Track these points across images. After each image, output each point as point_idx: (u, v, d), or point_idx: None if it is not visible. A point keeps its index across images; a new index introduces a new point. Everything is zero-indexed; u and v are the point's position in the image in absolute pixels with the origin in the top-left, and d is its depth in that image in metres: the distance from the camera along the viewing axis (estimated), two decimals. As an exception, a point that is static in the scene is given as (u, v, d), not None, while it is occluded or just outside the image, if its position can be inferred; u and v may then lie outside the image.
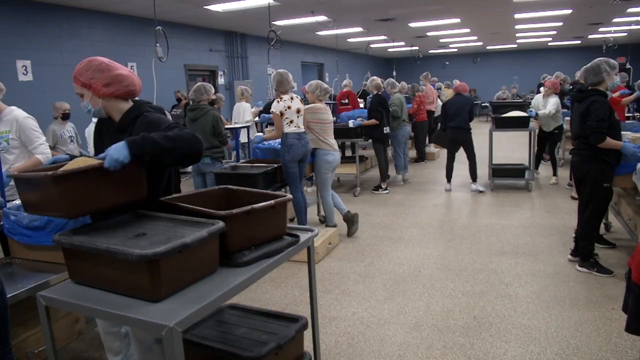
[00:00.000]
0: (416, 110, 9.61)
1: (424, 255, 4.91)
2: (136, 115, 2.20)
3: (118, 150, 1.80)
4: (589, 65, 4.18)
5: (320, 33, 13.22)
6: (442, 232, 5.63)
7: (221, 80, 12.44)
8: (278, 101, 4.97)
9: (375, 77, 7.70)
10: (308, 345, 2.60)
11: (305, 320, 2.46)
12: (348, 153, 9.43)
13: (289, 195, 2.34)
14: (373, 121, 7.28)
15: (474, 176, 7.58)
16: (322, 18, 10.78)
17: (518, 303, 3.80)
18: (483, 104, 20.15)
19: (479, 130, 8.39)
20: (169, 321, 1.49)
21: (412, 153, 10.74)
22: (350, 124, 7.28)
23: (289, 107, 4.96)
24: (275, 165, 4.89)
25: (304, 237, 2.30)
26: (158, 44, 6.65)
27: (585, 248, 4.32)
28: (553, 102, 7.24)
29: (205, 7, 9.06)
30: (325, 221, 5.63)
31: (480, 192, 7.52)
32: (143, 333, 2.19)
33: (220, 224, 1.85)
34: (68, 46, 8.43)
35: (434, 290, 4.08)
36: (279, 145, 5.19)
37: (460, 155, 7.52)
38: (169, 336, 1.48)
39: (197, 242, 1.71)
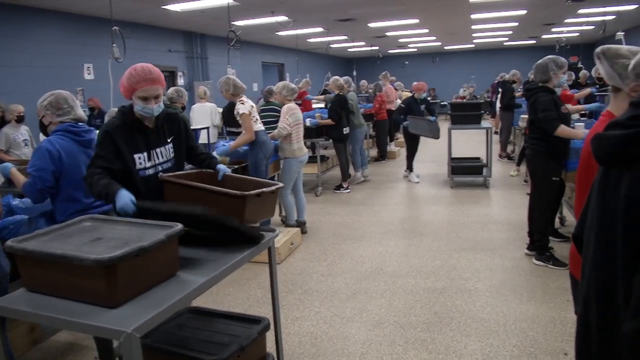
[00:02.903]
0: (377, 109, 9.70)
1: (386, 253, 4.97)
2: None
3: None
4: (538, 62, 4.33)
5: (280, 33, 13.19)
6: (403, 230, 5.71)
7: (181, 81, 12.26)
8: (242, 102, 4.94)
9: (338, 77, 7.74)
10: (271, 347, 2.59)
11: (267, 321, 2.46)
12: (309, 153, 9.43)
13: (280, 183, 2.51)
14: (329, 121, 7.31)
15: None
16: (282, 18, 10.75)
17: (477, 297, 3.89)
18: (442, 103, 20.51)
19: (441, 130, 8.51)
20: (127, 327, 1.47)
21: (374, 152, 10.86)
22: (307, 122, 7.28)
23: (252, 106, 4.98)
24: (236, 167, 4.86)
25: (266, 237, 2.30)
26: (115, 45, 6.50)
27: (540, 242, 4.46)
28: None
29: (163, 7, 8.91)
30: (285, 221, 5.63)
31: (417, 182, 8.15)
32: None
33: (179, 226, 1.84)
34: (17, 46, 8.14)
35: (396, 288, 4.13)
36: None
37: (420, 153, 7.65)
38: (127, 342, 1.46)
39: (155, 246, 1.69)
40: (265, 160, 4.99)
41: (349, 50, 19.82)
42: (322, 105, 9.97)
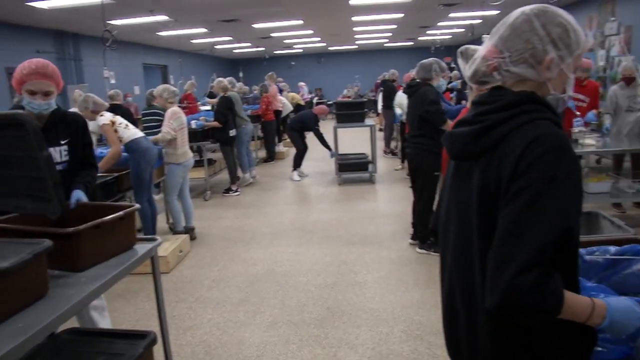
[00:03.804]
0: (264, 110, 9.70)
1: (277, 253, 4.99)
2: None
3: None
4: (424, 61, 4.57)
5: (161, 34, 12.71)
6: (294, 229, 5.77)
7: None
8: (102, 115, 4.58)
9: (222, 79, 7.64)
10: (159, 360, 2.50)
11: (154, 335, 2.36)
12: (196, 157, 9.21)
13: (137, 205, 2.28)
14: (215, 123, 7.20)
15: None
16: (162, 18, 10.38)
17: (367, 289, 4.03)
18: (328, 103, 21.00)
19: (326, 129, 8.71)
20: (-13, 358, 1.34)
21: (262, 153, 10.85)
22: (193, 124, 7.12)
23: (114, 115, 4.74)
24: (116, 175, 4.61)
25: (146, 247, 2.22)
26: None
27: (422, 232, 4.72)
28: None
29: (28, 3, 8.22)
30: (173, 228, 5.47)
31: (298, 180, 8.41)
32: None
33: (47, 242, 1.71)
34: None
35: (288, 287, 4.17)
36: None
37: (308, 152, 7.77)
38: (-12, 374, 1.33)
39: (19, 266, 1.56)
40: (148, 167, 4.78)
41: (235, 51, 19.61)
42: (208, 107, 9.80)
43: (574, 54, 1.18)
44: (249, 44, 17.35)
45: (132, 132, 4.72)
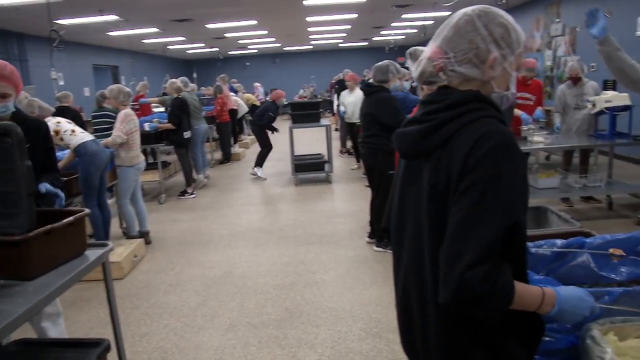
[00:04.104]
0: (219, 111, 9.59)
1: (235, 255, 4.95)
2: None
3: None
4: (379, 64, 4.61)
5: (112, 34, 12.40)
6: (251, 231, 5.73)
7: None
8: (47, 120, 4.44)
9: (175, 80, 7.50)
10: (113, 368, 2.43)
11: (107, 342, 2.30)
12: (150, 159, 9.02)
13: (87, 210, 2.21)
14: (169, 125, 7.07)
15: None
16: (112, 17, 10.13)
17: (325, 289, 4.04)
18: (285, 103, 20.94)
19: (282, 129, 8.72)
20: None
21: (218, 154, 10.73)
22: (146, 127, 6.97)
23: (59, 122, 4.59)
24: (65, 179, 4.46)
25: (97, 253, 2.16)
26: None
27: (379, 230, 4.77)
28: (357, 94, 7.97)
29: (-34, 2, 7.88)
30: (127, 232, 5.34)
31: (259, 177, 8.49)
32: None
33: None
34: None
35: (246, 289, 4.13)
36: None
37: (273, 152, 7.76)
38: None
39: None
40: (97, 172, 4.63)
41: (188, 51, 19.33)
42: (162, 109, 9.61)
43: (516, 52, 1.22)
44: (202, 45, 17.14)
45: (80, 137, 4.58)
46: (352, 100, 8.11)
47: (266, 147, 8.54)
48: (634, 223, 5.14)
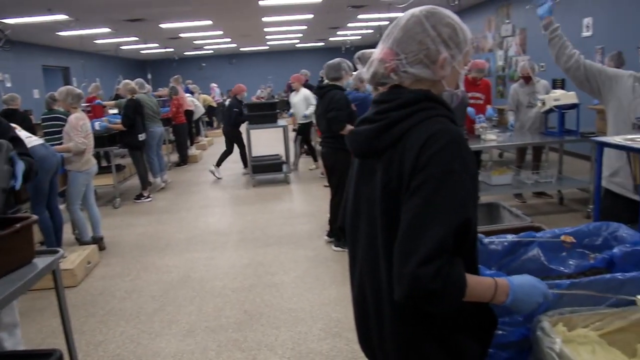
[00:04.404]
0: (175, 113, 9.43)
1: (192, 259, 4.87)
2: None
3: None
4: (331, 61, 4.62)
5: (62, 34, 12.00)
6: (209, 233, 5.65)
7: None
8: None
9: (129, 81, 7.32)
10: (66, 379, 2.36)
11: (59, 353, 2.23)
12: (104, 163, 8.78)
13: (34, 216, 2.13)
14: (120, 126, 6.90)
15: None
16: (61, 17, 9.81)
17: (284, 290, 4.03)
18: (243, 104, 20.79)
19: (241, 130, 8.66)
20: None
21: (175, 157, 10.55)
22: (97, 126, 6.77)
23: None
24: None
25: (46, 261, 2.08)
26: None
27: (338, 229, 4.79)
28: (302, 94, 8.04)
29: None
30: (80, 238, 5.19)
31: (216, 176, 8.54)
32: None
33: None
34: None
35: (205, 293, 4.08)
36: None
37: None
38: None
39: None
40: (47, 177, 4.47)
41: (142, 52, 18.93)
42: (116, 111, 9.37)
43: (463, 51, 1.25)
44: (156, 45, 16.82)
45: (26, 142, 4.41)
46: (296, 101, 8.21)
47: (243, 147, 8.54)
48: (583, 216, 5.34)
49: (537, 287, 1.24)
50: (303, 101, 8.11)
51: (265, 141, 11.48)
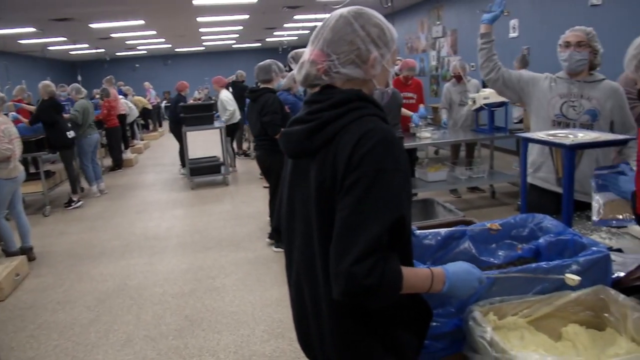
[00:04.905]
0: (106, 115, 9.08)
1: (129, 266, 4.72)
2: None
3: None
4: (262, 63, 4.60)
5: (-20, 33, 11.35)
6: (147, 239, 5.50)
7: None
8: None
9: (49, 83, 6.96)
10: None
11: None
12: (32, 169, 8.35)
13: None
14: (31, 107, 6.68)
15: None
16: (-20, 16, 9.28)
17: (225, 293, 3.98)
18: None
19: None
20: None
21: (108, 161, 10.20)
22: (9, 117, 6.44)
23: None
24: None
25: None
26: None
27: (273, 230, 4.78)
28: (220, 98, 8.32)
29: None
30: (6, 249, 4.91)
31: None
32: None
33: None
34: None
35: (143, 300, 3.96)
36: None
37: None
38: None
39: None
40: None
41: (72, 53, 18.16)
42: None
43: (391, 50, 1.28)
44: (86, 45, 16.18)
45: None
46: (217, 104, 8.40)
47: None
48: (514, 209, 5.58)
49: (472, 273, 1.29)
50: (220, 105, 8.29)
51: (202, 143, 11.28)
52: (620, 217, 1.98)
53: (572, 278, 1.42)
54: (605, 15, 6.40)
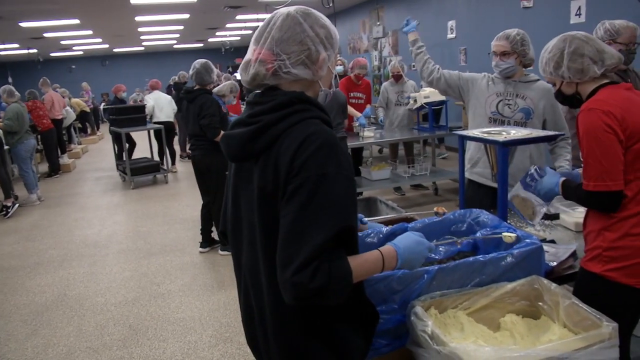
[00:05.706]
0: (36, 118, 8.64)
1: (68, 276, 4.54)
2: None
3: None
4: (197, 66, 4.52)
5: None
6: (87, 247, 5.31)
7: None
8: None
9: None
10: None
11: None
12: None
13: None
14: None
15: None
16: None
17: (171, 299, 3.90)
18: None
19: (108, 136, 8.27)
20: None
21: (44, 167, 9.77)
22: None
23: None
24: None
25: None
26: None
27: (220, 234, 4.70)
28: (152, 98, 8.68)
29: None
30: None
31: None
32: None
33: None
34: None
35: (84, 311, 3.82)
36: None
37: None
38: None
39: None
40: None
41: (0, 53, 17.26)
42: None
43: (335, 51, 1.29)
44: (17, 45, 15.42)
45: None
46: (151, 104, 8.61)
47: (132, 145, 8.74)
48: (456, 205, 5.74)
49: (422, 242, 1.33)
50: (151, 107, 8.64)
51: (141, 145, 11.01)
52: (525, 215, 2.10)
53: (509, 235, 1.61)
54: (535, 17, 6.69)
